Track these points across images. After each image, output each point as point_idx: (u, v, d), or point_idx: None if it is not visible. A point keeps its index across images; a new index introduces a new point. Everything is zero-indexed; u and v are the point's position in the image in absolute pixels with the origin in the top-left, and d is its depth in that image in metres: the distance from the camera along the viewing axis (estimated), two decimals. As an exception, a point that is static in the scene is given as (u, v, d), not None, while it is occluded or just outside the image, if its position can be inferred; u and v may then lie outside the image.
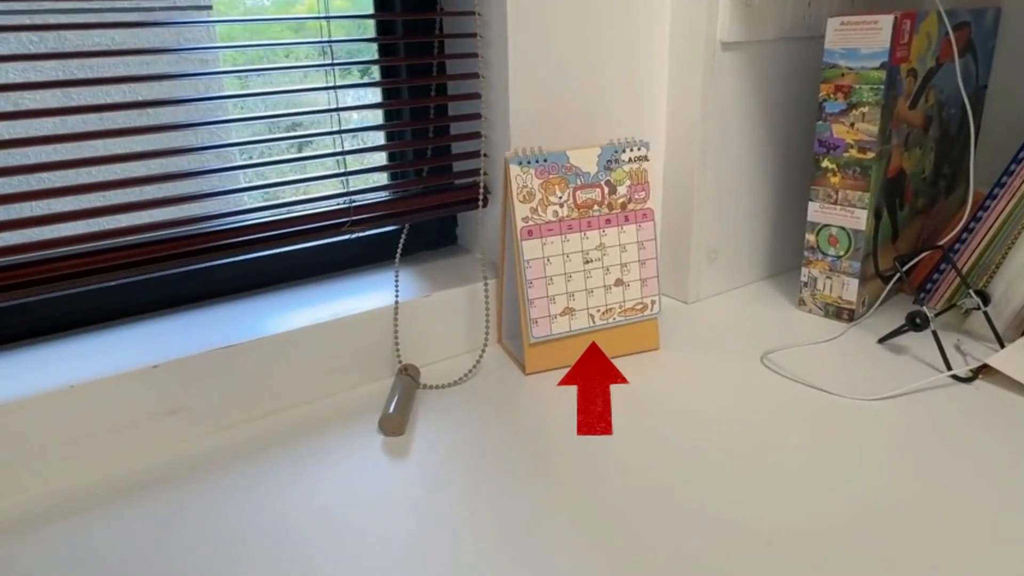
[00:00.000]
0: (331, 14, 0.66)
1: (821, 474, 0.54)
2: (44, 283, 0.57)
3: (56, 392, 0.55)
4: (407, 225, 0.76)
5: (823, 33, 0.84)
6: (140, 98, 0.63)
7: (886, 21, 0.70)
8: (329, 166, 0.70)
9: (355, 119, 0.76)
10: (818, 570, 0.45)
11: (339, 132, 0.68)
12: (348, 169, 0.70)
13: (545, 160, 0.68)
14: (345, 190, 0.70)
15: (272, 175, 0.68)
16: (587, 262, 0.71)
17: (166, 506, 0.53)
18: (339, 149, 0.69)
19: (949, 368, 0.68)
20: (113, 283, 0.65)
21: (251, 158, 0.67)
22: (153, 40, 0.83)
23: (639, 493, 0.53)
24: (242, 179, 0.69)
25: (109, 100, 0.61)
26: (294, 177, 0.68)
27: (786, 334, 0.78)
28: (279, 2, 0.67)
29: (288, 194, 0.68)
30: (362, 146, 0.71)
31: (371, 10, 0.74)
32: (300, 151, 0.70)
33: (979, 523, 0.49)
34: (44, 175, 0.57)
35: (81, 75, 0.58)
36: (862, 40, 0.72)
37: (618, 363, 0.73)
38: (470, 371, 0.71)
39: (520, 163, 0.67)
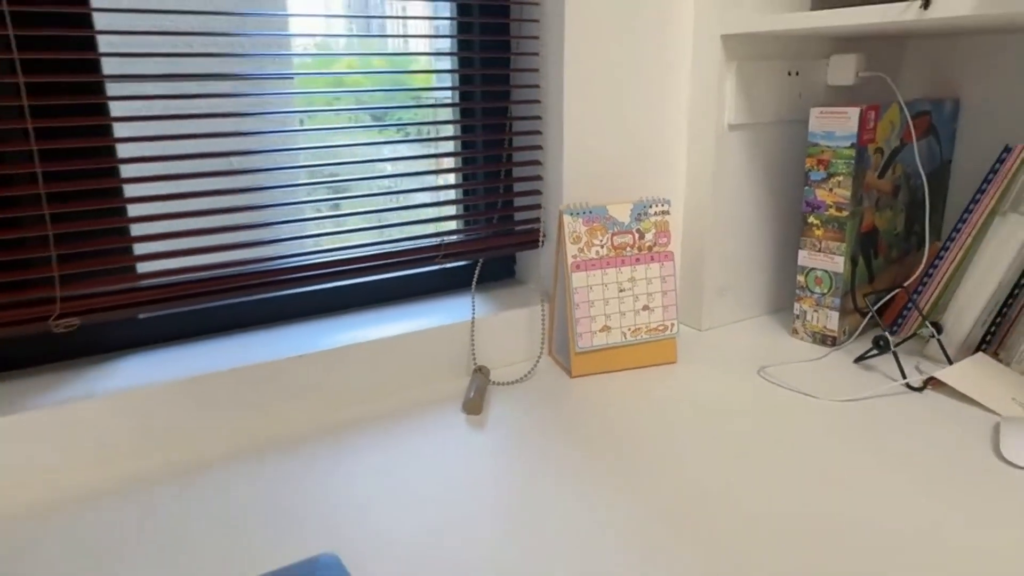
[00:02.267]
0: (441, 85, 0.89)
1: (800, 456, 0.73)
2: (227, 292, 0.79)
3: (249, 367, 0.76)
4: (481, 260, 0.97)
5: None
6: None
7: (853, 112, 0.92)
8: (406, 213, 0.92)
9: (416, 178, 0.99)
10: (787, 539, 0.64)
11: (436, 188, 0.91)
12: (441, 215, 0.92)
13: (590, 212, 0.90)
14: (437, 231, 0.92)
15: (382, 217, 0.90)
16: (621, 291, 0.91)
17: (299, 465, 0.73)
18: (436, 199, 0.91)
19: (904, 378, 0.86)
20: (273, 294, 0.87)
21: (337, 206, 0.89)
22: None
23: (662, 466, 0.72)
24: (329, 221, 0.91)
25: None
26: (404, 220, 0.90)
27: (780, 355, 0.97)
28: (321, 61, 0.88)
29: (395, 232, 0.91)
30: (451, 198, 0.93)
31: (456, 99, 0.97)
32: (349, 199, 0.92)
33: (921, 498, 0.67)
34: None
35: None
36: (836, 125, 0.94)
37: (643, 372, 0.92)
38: (528, 373, 0.92)
39: (571, 214, 0.89)
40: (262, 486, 0.67)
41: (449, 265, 0.99)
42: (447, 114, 0.98)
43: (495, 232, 0.97)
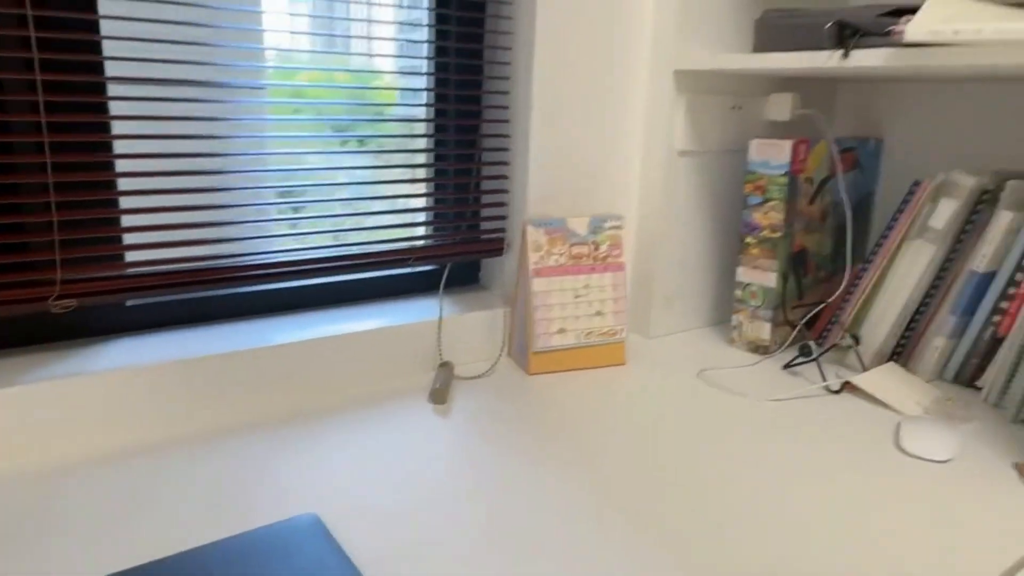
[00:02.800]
0: (417, 102, 0.97)
1: (731, 445, 0.83)
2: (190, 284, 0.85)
3: (236, 353, 0.82)
4: (449, 264, 1.05)
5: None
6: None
7: (786, 145, 1.03)
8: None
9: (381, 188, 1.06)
10: (706, 512, 0.73)
11: (411, 196, 0.98)
12: (414, 221, 0.99)
13: (551, 224, 0.98)
14: (410, 235, 1.00)
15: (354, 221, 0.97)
16: (576, 296, 1.00)
17: (277, 442, 0.79)
18: (411, 207, 0.99)
19: (825, 382, 0.97)
20: (254, 288, 0.93)
21: (293, 210, 0.96)
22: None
23: (609, 452, 0.80)
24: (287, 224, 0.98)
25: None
26: (381, 224, 0.97)
27: (718, 360, 1.07)
28: (281, 72, 0.93)
29: (370, 235, 0.98)
30: (422, 205, 1.01)
31: (431, 115, 1.05)
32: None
33: (833, 480, 0.77)
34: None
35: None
36: (772, 155, 1.05)
37: (595, 372, 1.01)
38: (489, 370, 0.99)
39: (534, 225, 0.97)
40: (241, 460, 0.73)
41: (419, 269, 1.06)
42: (424, 131, 1.06)
43: (463, 239, 1.05)
